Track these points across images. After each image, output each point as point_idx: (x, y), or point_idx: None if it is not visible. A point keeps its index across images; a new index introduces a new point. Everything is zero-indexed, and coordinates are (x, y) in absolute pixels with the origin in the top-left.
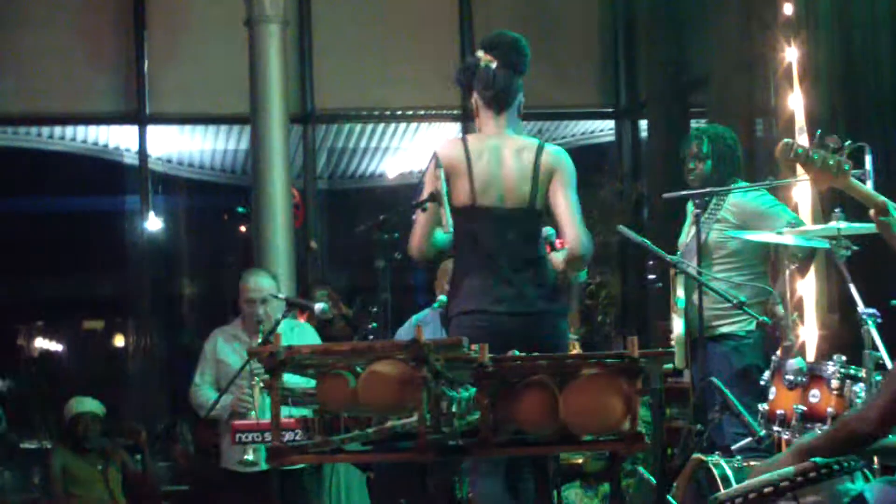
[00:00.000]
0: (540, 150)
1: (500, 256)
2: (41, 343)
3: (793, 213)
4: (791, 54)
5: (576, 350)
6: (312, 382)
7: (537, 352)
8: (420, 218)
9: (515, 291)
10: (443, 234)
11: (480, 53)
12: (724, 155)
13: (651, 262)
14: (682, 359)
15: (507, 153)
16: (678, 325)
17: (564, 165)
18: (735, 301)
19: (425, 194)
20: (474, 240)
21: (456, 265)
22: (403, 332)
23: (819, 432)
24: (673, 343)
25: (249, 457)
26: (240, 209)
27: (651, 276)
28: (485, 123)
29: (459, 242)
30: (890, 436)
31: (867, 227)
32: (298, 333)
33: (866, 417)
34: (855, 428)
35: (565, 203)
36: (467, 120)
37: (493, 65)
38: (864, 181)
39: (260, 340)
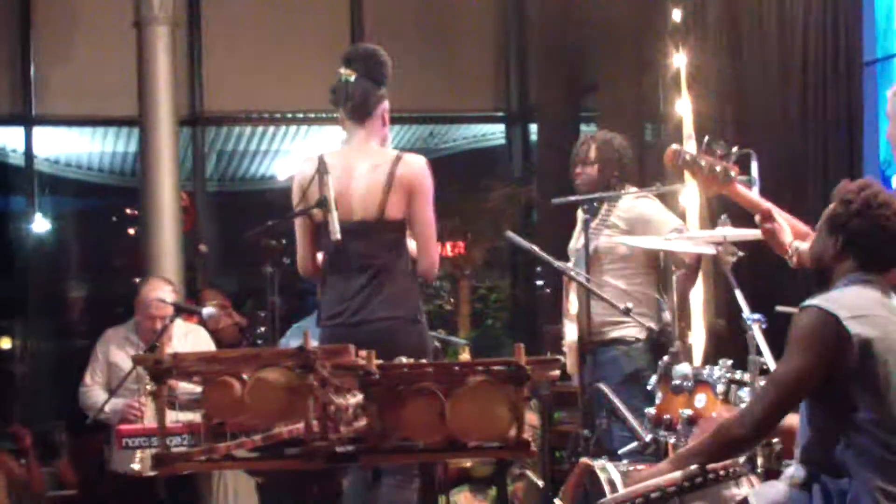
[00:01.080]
0: (397, 160)
1: (350, 267)
2: None
3: (678, 220)
4: (679, 60)
5: (465, 354)
6: None
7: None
8: (299, 234)
9: (360, 302)
10: None
11: (341, 69)
12: (612, 160)
13: (540, 268)
14: (574, 364)
15: (361, 166)
16: (571, 331)
17: (422, 178)
18: (622, 307)
19: (297, 201)
20: (329, 252)
21: (321, 276)
22: (287, 339)
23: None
24: (565, 348)
25: (136, 465)
26: (128, 211)
27: (539, 282)
28: (350, 135)
29: (322, 255)
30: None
31: (753, 233)
32: (192, 337)
33: (744, 423)
34: (733, 434)
35: (421, 220)
36: None
37: (352, 77)
38: (750, 188)
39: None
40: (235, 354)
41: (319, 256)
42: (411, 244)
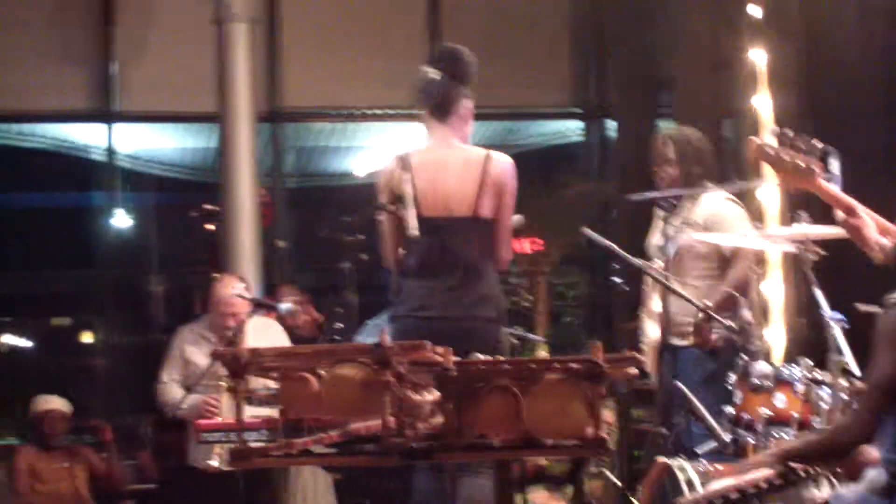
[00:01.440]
0: (487, 159)
1: (442, 263)
2: (8, 339)
3: (749, 222)
4: (758, 55)
5: (543, 352)
6: None
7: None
8: (386, 230)
9: (450, 299)
10: None
11: (426, 68)
12: (691, 157)
13: (616, 265)
14: (654, 363)
15: (452, 163)
16: (652, 330)
17: (511, 178)
18: (701, 305)
19: (383, 198)
20: (417, 248)
21: (402, 270)
22: (362, 336)
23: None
24: (645, 347)
25: (215, 462)
26: (207, 206)
27: (616, 279)
28: (432, 134)
29: (407, 251)
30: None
31: (833, 230)
32: (266, 332)
33: (851, 430)
34: (843, 440)
35: (503, 218)
36: None
37: (437, 77)
38: (831, 183)
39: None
40: (312, 350)
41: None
42: None
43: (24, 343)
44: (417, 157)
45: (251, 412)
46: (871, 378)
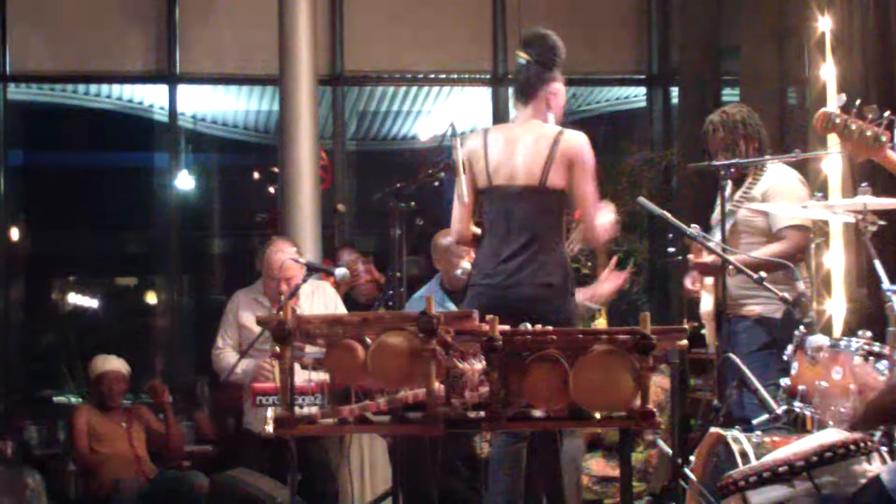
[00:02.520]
0: (559, 134)
1: (509, 231)
2: (73, 298)
3: (807, 193)
4: (824, 24)
5: (602, 319)
6: None
7: (548, 323)
8: (456, 199)
9: (516, 265)
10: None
11: (518, 51)
12: (743, 137)
13: (671, 235)
14: (711, 334)
15: (524, 138)
16: (706, 301)
17: (582, 152)
18: (755, 277)
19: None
20: (488, 216)
21: (480, 242)
22: (411, 306)
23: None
24: (703, 319)
25: (270, 427)
26: (274, 169)
27: (671, 249)
28: (517, 113)
29: (483, 221)
30: None
31: (895, 202)
32: (319, 295)
33: (891, 393)
34: (880, 405)
35: (581, 191)
36: (497, 84)
37: (523, 60)
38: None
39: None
40: (358, 318)
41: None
42: None
43: (88, 302)
44: (494, 132)
45: (306, 376)
46: None
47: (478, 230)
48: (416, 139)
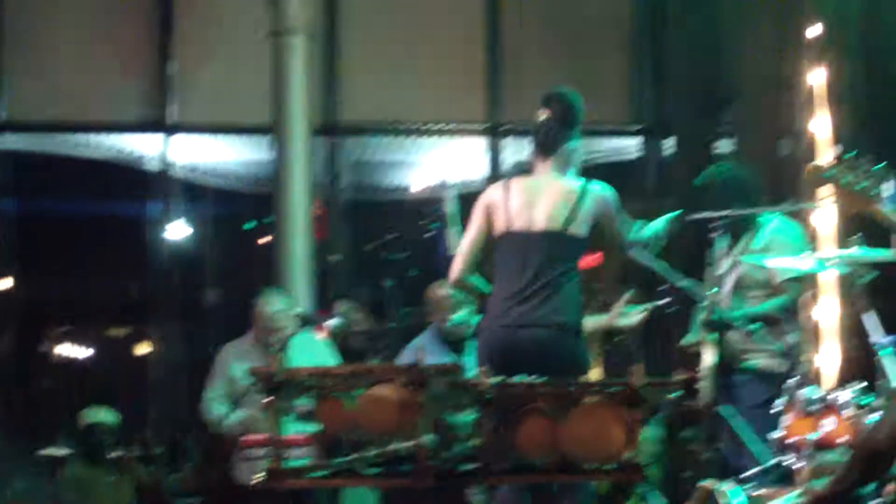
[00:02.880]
0: (585, 185)
1: (524, 275)
2: (65, 348)
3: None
4: (818, 75)
5: (598, 368)
6: None
7: (549, 367)
8: (465, 242)
9: (530, 306)
10: (480, 280)
11: (539, 110)
12: (735, 196)
13: (666, 286)
14: (711, 388)
15: (547, 189)
16: (709, 356)
17: (610, 204)
18: (746, 329)
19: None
20: (503, 261)
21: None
22: (407, 356)
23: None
24: (703, 372)
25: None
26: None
27: (666, 300)
28: (535, 168)
29: (496, 268)
30: None
31: (888, 254)
32: (310, 347)
33: (879, 431)
34: (872, 445)
35: (609, 237)
36: (494, 135)
37: (543, 117)
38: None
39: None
40: (349, 370)
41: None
42: None
43: (80, 352)
44: (516, 182)
45: (298, 428)
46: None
47: (473, 279)
48: (410, 190)
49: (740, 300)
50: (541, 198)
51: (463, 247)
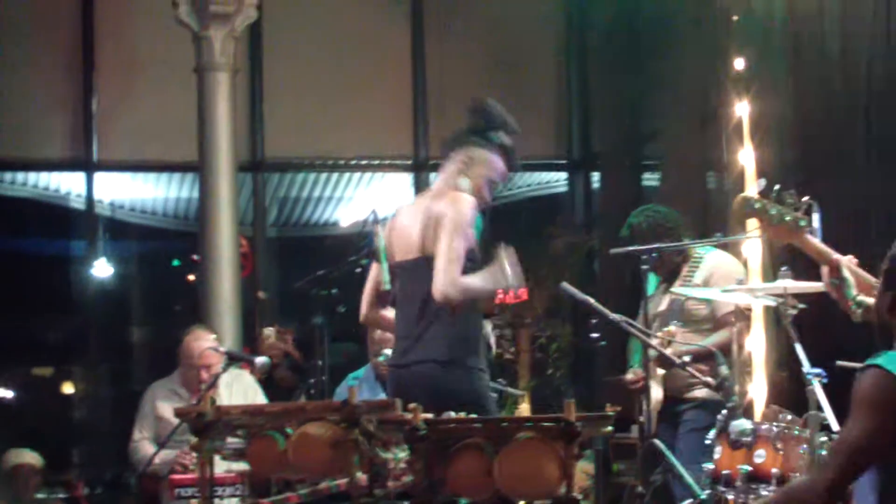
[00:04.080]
0: (436, 197)
1: (406, 308)
2: None
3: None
4: (742, 109)
5: (524, 404)
6: None
7: (442, 404)
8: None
9: (407, 344)
10: None
11: None
12: (652, 239)
13: (594, 320)
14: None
15: (412, 208)
16: (656, 392)
17: (451, 210)
18: (678, 362)
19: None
20: (397, 294)
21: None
22: (341, 392)
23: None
24: (653, 409)
25: None
26: (195, 257)
27: (594, 335)
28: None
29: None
30: None
31: (815, 286)
32: (238, 385)
33: (815, 489)
34: (802, 499)
35: (441, 248)
36: (419, 170)
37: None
38: (815, 237)
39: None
40: (280, 408)
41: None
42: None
43: (2, 393)
44: (402, 208)
45: (227, 466)
46: (838, 443)
47: (382, 311)
48: (338, 225)
49: (689, 334)
50: (404, 221)
51: (367, 283)
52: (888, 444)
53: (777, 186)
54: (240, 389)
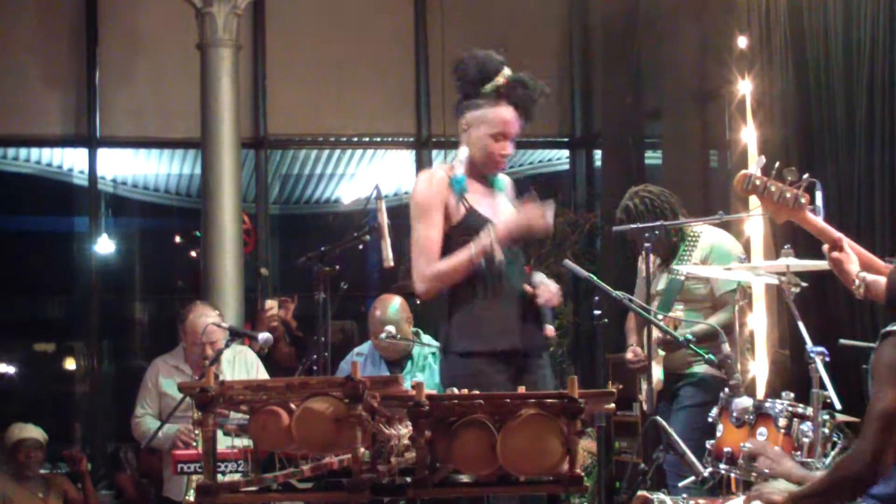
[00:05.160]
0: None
1: None
2: None
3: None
4: (745, 87)
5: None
6: None
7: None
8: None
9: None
10: None
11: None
12: (652, 217)
13: (597, 297)
14: (654, 401)
15: None
16: (657, 371)
17: (414, 188)
18: (681, 338)
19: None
20: None
21: None
22: (344, 368)
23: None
24: (655, 387)
25: (191, 496)
26: (197, 234)
27: (597, 311)
28: None
29: None
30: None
31: (817, 264)
32: (241, 361)
33: (859, 460)
34: (853, 471)
35: (411, 238)
36: (421, 147)
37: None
38: (817, 215)
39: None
40: (283, 383)
41: None
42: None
43: (5, 368)
44: None
45: (229, 442)
46: (872, 412)
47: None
48: (340, 202)
49: (688, 315)
50: None
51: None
52: None
53: (777, 163)
54: (242, 366)
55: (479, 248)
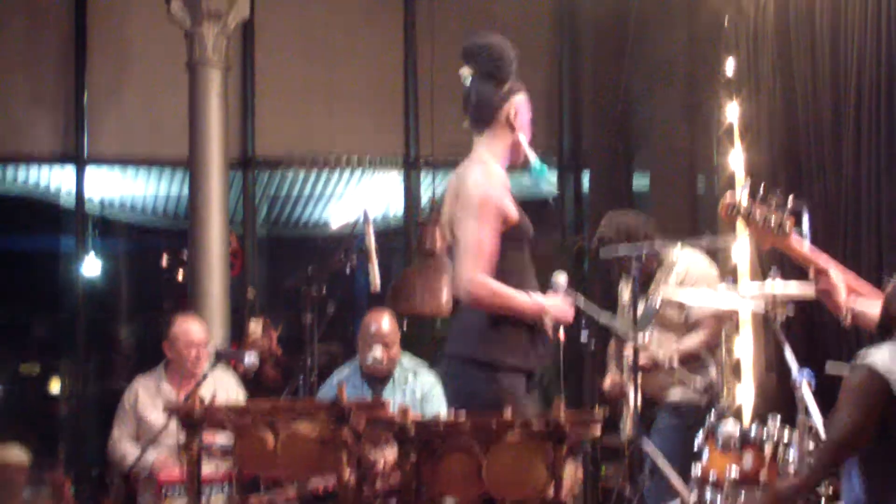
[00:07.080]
0: (457, 177)
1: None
2: None
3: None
4: (733, 111)
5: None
6: None
7: (457, 402)
8: None
9: (449, 335)
10: None
11: (462, 69)
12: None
13: (583, 320)
14: (635, 425)
15: (451, 186)
16: (634, 394)
17: (465, 186)
18: (666, 365)
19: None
20: None
21: None
22: (326, 391)
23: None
24: (628, 411)
25: None
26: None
27: (583, 334)
28: (473, 149)
29: None
30: None
31: (804, 289)
32: (220, 382)
33: (808, 484)
34: (787, 483)
35: (459, 233)
36: (409, 168)
37: (469, 79)
38: (802, 241)
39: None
40: (268, 406)
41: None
42: None
43: None
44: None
45: (213, 465)
46: (830, 433)
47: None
48: (328, 225)
49: (668, 337)
50: (447, 200)
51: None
52: (871, 436)
53: (762, 188)
54: (222, 387)
55: (536, 310)
